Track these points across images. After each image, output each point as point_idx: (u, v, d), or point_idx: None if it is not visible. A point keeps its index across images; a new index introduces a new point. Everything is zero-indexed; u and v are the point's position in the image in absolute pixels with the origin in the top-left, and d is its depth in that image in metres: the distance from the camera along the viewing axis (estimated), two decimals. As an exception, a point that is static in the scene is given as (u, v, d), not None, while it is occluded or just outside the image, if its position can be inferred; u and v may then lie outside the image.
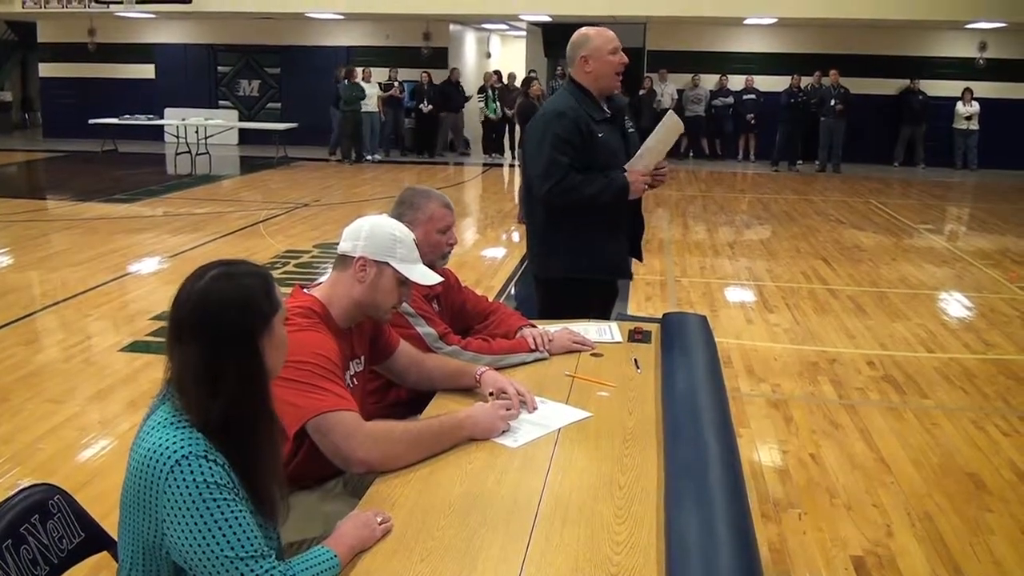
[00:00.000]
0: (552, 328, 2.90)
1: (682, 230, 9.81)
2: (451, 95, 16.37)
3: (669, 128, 3.44)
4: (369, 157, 15.70)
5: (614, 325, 3.10)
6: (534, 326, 2.90)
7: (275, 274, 7.06)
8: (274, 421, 1.70)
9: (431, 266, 2.42)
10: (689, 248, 8.80)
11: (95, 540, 1.91)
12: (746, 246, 9.03)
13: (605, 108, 3.46)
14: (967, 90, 15.32)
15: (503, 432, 2.20)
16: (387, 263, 2.22)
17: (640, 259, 3.77)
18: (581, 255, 3.48)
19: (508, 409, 2.26)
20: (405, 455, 2.02)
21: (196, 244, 8.45)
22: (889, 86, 15.78)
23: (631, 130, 3.57)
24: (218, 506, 1.54)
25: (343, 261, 2.25)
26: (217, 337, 1.61)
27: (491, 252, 8.72)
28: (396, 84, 16.14)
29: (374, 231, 2.23)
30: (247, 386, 1.63)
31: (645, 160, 3.42)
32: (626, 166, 3.41)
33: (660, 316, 3.22)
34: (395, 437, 2.02)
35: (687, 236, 9.48)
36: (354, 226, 2.26)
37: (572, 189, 3.35)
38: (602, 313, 3.53)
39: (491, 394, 2.38)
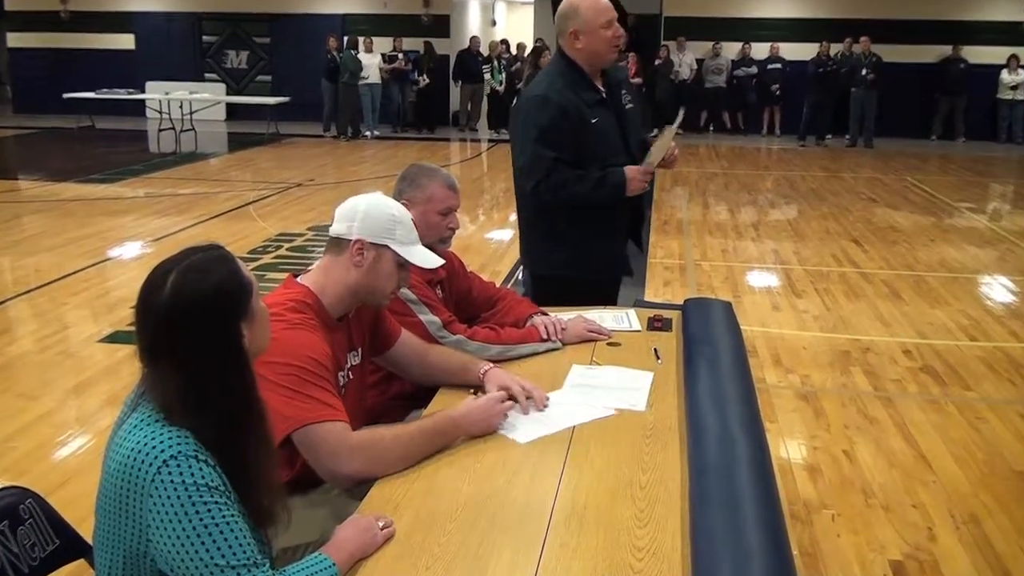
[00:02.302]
0: (565, 316, 2.88)
1: (702, 210, 9.76)
2: (470, 66, 16.27)
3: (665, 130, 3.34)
4: (367, 133, 15.67)
5: (632, 312, 3.07)
6: (545, 314, 2.88)
7: (267, 259, 7.05)
8: (265, 425, 1.68)
9: (430, 249, 2.39)
10: (710, 229, 8.76)
11: (71, 547, 1.90)
12: (771, 227, 8.98)
13: (599, 86, 3.33)
14: (1013, 57, 15.18)
15: (501, 426, 2.19)
16: (386, 245, 2.19)
17: (639, 247, 3.69)
18: (565, 252, 3.37)
19: (505, 400, 2.25)
20: (395, 464, 2.00)
21: (181, 227, 8.44)
22: (925, 53, 15.64)
23: (629, 106, 3.42)
24: (208, 510, 1.52)
25: (337, 244, 2.21)
26: (199, 352, 1.58)
27: (498, 235, 8.69)
28: (401, 55, 16.02)
29: (371, 211, 2.20)
30: (236, 396, 1.61)
31: (649, 161, 3.31)
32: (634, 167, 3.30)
33: (681, 302, 3.19)
34: (384, 446, 2.00)
35: (707, 216, 9.44)
36: (348, 206, 2.22)
37: (561, 186, 3.21)
38: None
39: (473, 392, 2.36)
